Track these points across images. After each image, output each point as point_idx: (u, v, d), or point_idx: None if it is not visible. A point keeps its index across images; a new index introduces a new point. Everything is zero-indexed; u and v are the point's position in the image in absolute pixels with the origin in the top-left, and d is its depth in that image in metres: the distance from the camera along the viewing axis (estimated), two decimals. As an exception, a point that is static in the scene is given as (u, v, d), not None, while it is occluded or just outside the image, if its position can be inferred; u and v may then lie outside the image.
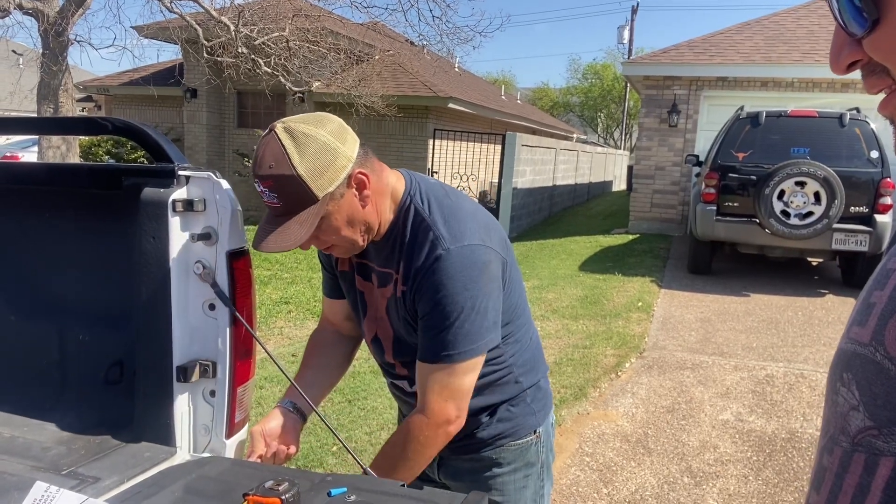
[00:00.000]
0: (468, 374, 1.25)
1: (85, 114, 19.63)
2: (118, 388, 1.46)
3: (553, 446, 1.50)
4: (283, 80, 9.41)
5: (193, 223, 1.33)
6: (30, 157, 13.07)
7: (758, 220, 6.74)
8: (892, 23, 0.46)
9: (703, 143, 10.04)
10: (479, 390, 1.35)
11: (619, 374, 4.51)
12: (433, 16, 9.99)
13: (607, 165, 22.41)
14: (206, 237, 1.32)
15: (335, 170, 1.15)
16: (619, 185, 23.56)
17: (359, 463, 1.23)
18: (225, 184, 1.33)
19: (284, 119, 1.18)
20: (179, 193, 1.31)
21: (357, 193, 1.20)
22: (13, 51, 13.35)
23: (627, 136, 34.34)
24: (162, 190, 1.30)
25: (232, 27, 8.66)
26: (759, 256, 7.59)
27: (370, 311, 1.37)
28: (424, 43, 11.05)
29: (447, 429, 1.25)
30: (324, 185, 1.14)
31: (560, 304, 6.26)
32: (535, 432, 1.42)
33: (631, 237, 10.39)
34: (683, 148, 10.60)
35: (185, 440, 1.36)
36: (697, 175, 8.67)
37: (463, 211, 1.27)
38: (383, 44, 12.17)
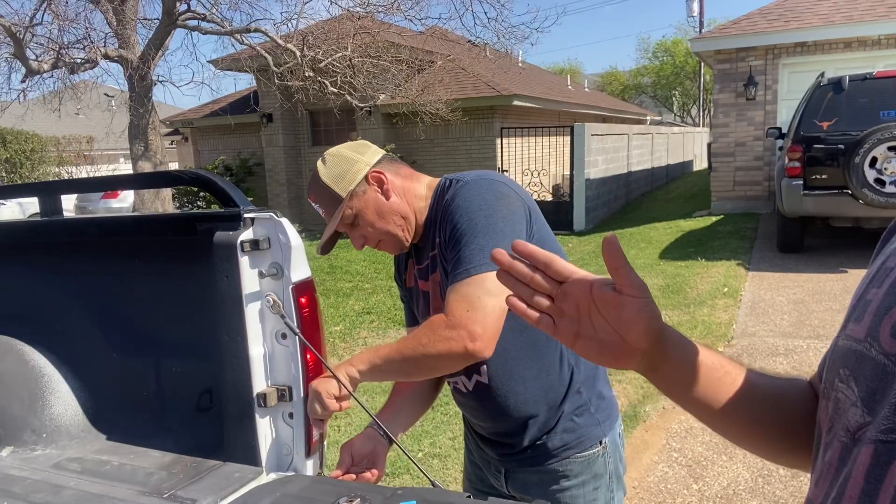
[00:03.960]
0: (488, 291, 1.19)
1: (174, 146, 20.92)
2: (209, 414, 1.60)
3: (623, 456, 1.48)
4: (349, 98, 9.70)
5: (260, 260, 1.44)
6: (127, 191, 14.06)
7: (850, 192, 6.35)
8: None
9: (786, 114, 9.54)
10: (533, 378, 1.36)
11: (706, 364, 4.38)
12: (488, 18, 9.99)
13: (685, 145, 21.62)
14: (272, 273, 1.43)
15: (354, 172, 1.38)
16: (701, 163, 22.66)
17: (426, 476, 1.30)
18: (286, 222, 1.43)
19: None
20: (246, 234, 1.42)
21: (378, 189, 1.38)
22: (105, 94, 14.44)
23: (706, 111, 32.96)
24: (231, 233, 1.42)
25: (298, 52, 9.02)
26: (854, 229, 7.14)
27: (433, 307, 1.42)
28: (484, 43, 11.07)
29: (466, 342, 1.19)
30: (346, 186, 1.37)
31: (641, 296, 6.13)
32: (600, 443, 1.41)
33: (714, 219, 10.00)
34: (764, 121, 10.11)
35: (269, 460, 1.48)
36: (781, 149, 8.25)
37: (489, 171, 1.41)
38: (443, 48, 12.29)
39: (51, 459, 1.59)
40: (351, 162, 1.39)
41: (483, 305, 1.20)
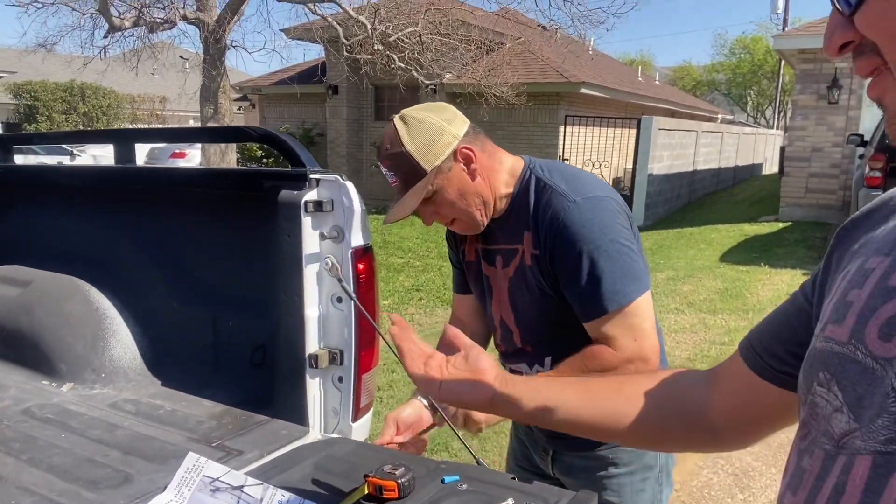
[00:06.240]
0: (643, 315, 1.23)
1: (242, 112, 21.43)
2: (261, 370, 1.62)
3: (674, 454, 1.46)
4: (415, 74, 9.68)
5: (323, 222, 1.44)
6: (195, 152, 14.49)
7: (934, 207, 5.98)
8: None
9: (871, 121, 9.03)
10: None
11: (761, 373, 4.22)
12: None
13: (756, 146, 20.80)
14: (333, 236, 1.43)
15: (441, 145, 1.26)
16: (771, 167, 21.76)
17: (472, 453, 1.28)
18: (350, 186, 1.42)
19: (403, 110, 1.32)
20: (311, 195, 1.42)
21: (465, 167, 1.29)
22: (181, 56, 14.87)
23: (781, 114, 31.60)
24: (296, 192, 1.42)
25: (369, 25, 9.05)
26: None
27: (496, 295, 1.42)
28: (556, 27, 10.86)
29: (645, 369, 1.23)
30: (431, 160, 1.26)
31: (697, 297, 5.96)
32: None
33: (781, 225, 9.60)
34: (845, 127, 9.60)
35: (316, 421, 1.49)
36: (861, 157, 7.83)
37: (583, 174, 1.35)
38: (514, 31, 12.11)
39: (108, 399, 1.64)
40: (438, 132, 1.27)
41: (644, 330, 1.24)
